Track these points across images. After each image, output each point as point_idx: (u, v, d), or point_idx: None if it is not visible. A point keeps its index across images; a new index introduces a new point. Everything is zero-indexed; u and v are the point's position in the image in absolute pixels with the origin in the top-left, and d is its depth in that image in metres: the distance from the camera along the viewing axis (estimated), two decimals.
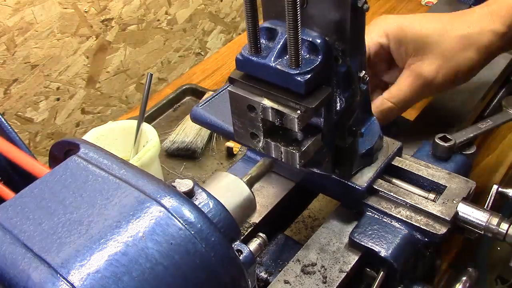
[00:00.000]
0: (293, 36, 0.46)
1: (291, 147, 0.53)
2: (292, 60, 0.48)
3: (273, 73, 0.49)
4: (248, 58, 0.51)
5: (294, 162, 0.53)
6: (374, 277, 0.59)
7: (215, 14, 1.50)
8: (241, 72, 0.52)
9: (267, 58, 0.50)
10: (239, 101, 0.52)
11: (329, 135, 0.56)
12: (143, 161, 0.81)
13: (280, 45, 0.50)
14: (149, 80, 0.90)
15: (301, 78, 0.48)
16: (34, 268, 0.35)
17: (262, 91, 0.51)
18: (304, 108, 0.49)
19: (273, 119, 0.51)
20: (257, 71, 0.51)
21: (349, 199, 0.64)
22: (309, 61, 0.49)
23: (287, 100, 0.49)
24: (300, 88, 0.49)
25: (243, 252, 0.43)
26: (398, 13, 1.39)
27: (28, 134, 1.19)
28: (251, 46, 0.50)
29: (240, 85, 0.52)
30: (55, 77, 1.18)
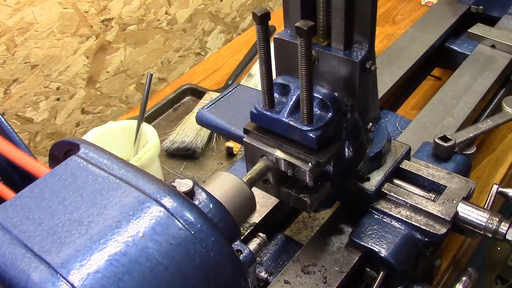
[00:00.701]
0: (306, 96, 0.49)
1: (302, 195, 0.55)
2: (305, 117, 0.51)
3: (286, 128, 0.52)
4: (263, 113, 0.53)
5: (305, 209, 0.56)
6: (374, 277, 0.59)
7: (215, 14, 1.50)
8: (255, 124, 0.55)
9: (281, 114, 0.52)
10: (253, 151, 0.55)
11: (338, 181, 0.58)
12: (143, 161, 0.81)
13: (292, 101, 0.52)
14: (149, 80, 0.90)
15: (313, 134, 0.51)
16: (34, 268, 0.35)
17: (275, 143, 0.54)
18: (315, 161, 0.52)
19: (285, 169, 0.54)
20: (270, 125, 0.54)
21: (356, 202, 0.64)
22: (320, 118, 0.52)
23: (299, 153, 0.52)
24: (312, 144, 0.51)
25: (243, 252, 0.43)
26: (398, 13, 1.39)
27: (28, 134, 1.19)
28: (266, 102, 0.53)
29: (254, 136, 0.55)
30: (55, 77, 1.18)
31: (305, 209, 0.56)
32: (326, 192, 0.57)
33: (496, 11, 1.03)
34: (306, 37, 0.45)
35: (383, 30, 1.31)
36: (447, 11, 1.04)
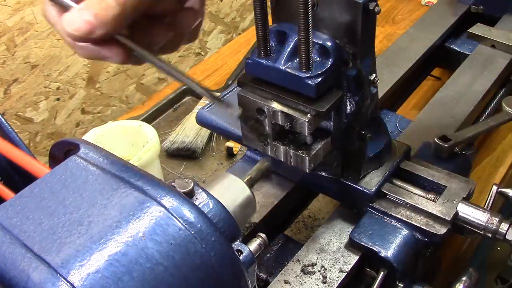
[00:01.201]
0: (304, 39, 0.46)
1: (301, 151, 0.52)
2: (303, 63, 0.48)
3: (283, 76, 0.49)
4: (258, 61, 0.50)
5: (304, 166, 0.53)
6: (374, 277, 0.59)
7: (215, 14, 1.50)
8: (250, 75, 0.52)
9: (277, 61, 0.49)
10: (248, 104, 0.52)
11: (338, 138, 0.55)
12: (143, 161, 0.81)
13: (290, 48, 0.49)
14: None
15: (312, 81, 0.48)
16: (34, 268, 0.35)
17: (271, 94, 0.50)
18: (314, 111, 0.49)
19: (282, 122, 0.51)
20: (266, 74, 0.50)
21: (356, 202, 0.63)
22: (319, 64, 0.49)
23: (297, 104, 0.49)
24: (311, 92, 0.48)
25: (243, 252, 0.43)
26: (399, 13, 1.39)
27: (28, 134, 1.19)
28: (261, 49, 0.50)
29: (249, 89, 0.52)
30: (55, 77, 1.18)
31: (304, 167, 0.53)
32: (326, 150, 0.54)
33: (496, 11, 1.03)
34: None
35: (383, 30, 1.31)
36: (447, 11, 1.04)
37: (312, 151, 0.52)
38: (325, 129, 0.54)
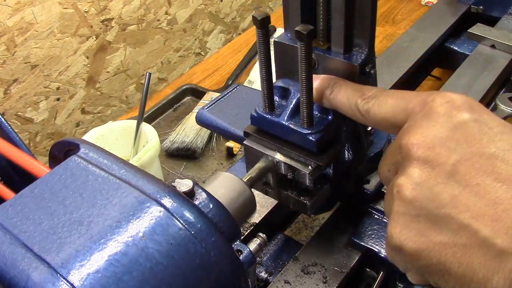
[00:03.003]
0: (306, 99, 0.49)
1: (302, 198, 0.55)
2: (305, 120, 0.51)
3: (286, 131, 0.52)
4: (263, 116, 0.53)
5: (305, 211, 0.56)
6: (374, 277, 0.59)
7: (215, 14, 1.50)
8: (255, 127, 0.55)
9: (281, 117, 0.52)
10: (254, 153, 0.55)
11: (338, 183, 0.58)
12: (143, 161, 0.81)
13: (292, 105, 0.52)
14: (148, 79, 0.90)
15: (313, 137, 0.51)
16: (34, 268, 0.35)
17: (275, 146, 0.54)
18: (315, 164, 0.52)
19: (285, 172, 0.54)
20: (271, 127, 0.54)
21: (356, 203, 0.64)
22: (320, 121, 0.52)
23: (299, 156, 0.52)
24: (312, 147, 0.51)
25: (243, 252, 0.43)
26: (398, 13, 1.39)
27: (28, 134, 1.19)
28: (266, 105, 0.53)
29: (255, 139, 0.55)
30: (55, 77, 1.18)
31: (305, 211, 0.56)
32: (326, 195, 0.57)
33: (496, 11, 1.03)
34: (306, 41, 0.45)
35: (383, 30, 1.31)
36: (447, 11, 1.04)
37: (313, 198, 0.55)
38: (325, 176, 0.57)
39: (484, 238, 0.35)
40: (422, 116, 0.41)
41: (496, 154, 0.37)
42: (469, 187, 0.36)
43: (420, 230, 0.38)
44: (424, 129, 0.39)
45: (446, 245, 0.37)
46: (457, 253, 0.36)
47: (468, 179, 0.36)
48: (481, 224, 0.35)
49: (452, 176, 0.37)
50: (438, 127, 0.39)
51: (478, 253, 0.35)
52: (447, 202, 0.37)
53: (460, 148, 0.38)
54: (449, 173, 0.37)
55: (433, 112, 0.40)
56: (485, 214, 0.35)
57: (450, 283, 0.37)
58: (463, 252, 0.36)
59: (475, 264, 0.35)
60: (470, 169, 0.37)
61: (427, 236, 0.37)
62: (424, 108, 0.41)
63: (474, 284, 0.36)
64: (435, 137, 0.39)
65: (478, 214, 0.35)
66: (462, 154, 0.37)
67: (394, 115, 0.44)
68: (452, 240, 0.36)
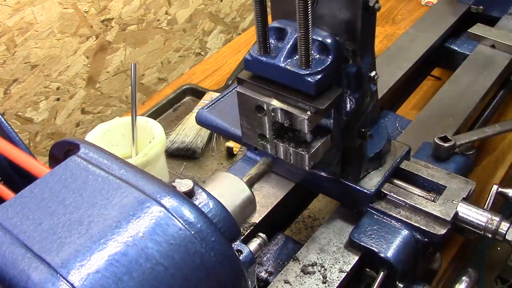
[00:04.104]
0: (304, 36, 0.46)
1: (300, 149, 0.52)
2: (302, 60, 0.47)
3: (282, 73, 0.49)
4: (257, 58, 0.50)
5: (303, 164, 0.53)
6: (374, 277, 0.59)
7: (215, 14, 1.50)
8: (249, 72, 0.52)
9: (277, 58, 0.49)
10: (248, 102, 0.52)
11: (338, 136, 0.55)
12: (150, 157, 0.81)
13: (289, 45, 0.49)
14: (134, 70, 0.88)
15: (312, 78, 0.48)
16: (34, 268, 0.35)
17: (271, 91, 0.50)
18: (314, 109, 0.48)
19: (282, 120, 0.50)
20: (266, 71, 0.50)
21: (355, 202, 0.63)
22: (319, 62, 0.49)
23: (297, 101, 0.49)
24: (311, 89, 0.48)
25: (243, 252, 0.43)
26: (398, 13, 1.39)
27: (28, 134, 1.19)
28: (260, 46, 0.50)
29: (249, 86, 0.52)
30: (55, 77, 1.18)
31: (303, 165, 0.53)
32: (326, 148, 0.54)
33: (496, 11, 1.03)
34: None
35: (383, 30, 1.31)
36: (447, 11, 1.04)
37: (311, 149, 0.52)
38: (325, 127, 0.54)
39: None
40: None
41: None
42: None
43: None
44: None
45: None
46: None
47: None
48: None
49: None
50: None
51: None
52: None
53: None
54: None
55: None
56: None
57: None
58: None
59: None
60: None
61: None
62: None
63: None
64: None
65: None
66: None
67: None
68: None
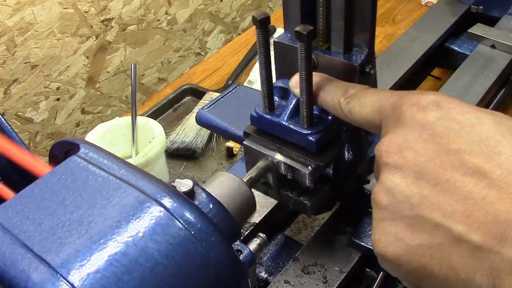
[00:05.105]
0: (306, 100, 0.49)
1: (302, 198, 0.55)
2: (304, 120, 0.51)
3: (286, 131, 0.52)
4: (263, 116, 0.53)
5: (305, 211, 0.56)
6: (374, 277, 0.59)
7: (215, 14, 1.50)
8: (255, 127, 0.55)
9: (281, 117, 0.52)
10: (253, 154, 0.55)
11: (338, 183, 0.58)
12: (149, 157, 0.81)
13: (292, 105, 0.52)
14: (134, 70, 0.88)
15: (313, 137, 0.51)
16: (34, 268, 0.35)
17: (275, 146, 0.54)
18: (315, 164, 0.52)
19: (285, 172, 0.54)
20: (270, 128, 0.54)
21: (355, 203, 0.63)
22: (320, 121, 0.52)
23: (299, 157, 0.52)
24: (312, 147, 0.51)
25: (243, 252, 0.43)
26: (398, 13, 1.39)
27: (28, 134, 1.19)
28: (266, 105, 0.53)
29: (254, 139, 0.55)
30: (55, 77, 1.18)
31: (305, 212, 0.56)
32: (326, 195, 0.57)
33: (496, 11, 1.03)
34: (306, 41, 0.45)
35: (383, 30, 1.31)
36: (447, 11, 1.04)
37: (313, 198, 0.55)
38: (325, 175, 0.57)
39: (458, 235, 0.34)
40: (392, 122, 0.41)
41: (463, 149, 0.36)
42: (438, 185, 0.36)
43: (397, 234, 0.38)
44: (392, 134, 0.40)
45: (423, 247, 0.36)
46: (435, 255, 0.36)
47: (437, 177, 0.36)
48: (453, 221, 0.35)
49: (421, 176, 0.37)
50: (405, 131, 0.39)
51: (455, 252, 0.35)
52: (418, 203, 0.36)
53: (427, 148, 0.37)
54: (418, 174, 0.37)
55: (401, 117, 0.40)
56: (456, 211, 0.34)
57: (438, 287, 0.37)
58: (440, 253, 0.35)
59: (455, 264, 0.35)
60: (438, 167, 0.36)
61: (404, 240, 0.37)
62: (394, 113, 0.41)
63: (459, 285, 0.35)
64: (403, 141, 0.38)
65: (449, 211, 0.35)
66: (429, 154, 0.37)
67: (373, 117, 0.44)
68: (428, 242, 0.36)
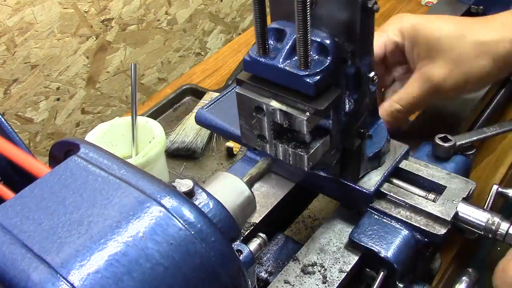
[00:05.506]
0: (302, 37, 0.46)
1: (299, 150, 0.52)
2: (301, 61, 0.48)
3: (281, 74, 0.49)
4: (256, 59, 0.50)
5: (303, 165, 0.53)
6: (374, 277, 0.59)
7: (215, 14, 1.50)
8: (248, 73, 0.52)
9: (276, 59, 0.49)
10: (247, 102, 0.52)
11: (337, 137, 0.55)
12: (149, 157, 0.81)
13: (288, 46, 0.49)
14: (134, 71, 0.88)
15: (311, 79, 0.48)
16: (34, 268, 0.35)
17: (270, 92, 0.50)
18: (313, 110, 0.49)
19: (281, 121, 0.50)
20: (265, 72, 0.50)
21: (355, 202, 0.63)
22: (318, 63, 0.49)
23: (296, 102, 0.49)
24: (310, 90, 0.48)
25: (243, 252, 0.43)
26: (398, 13, 1.39)
27: (28, 134, 1.19)
28: (259, 47, 0.50)
29: (248, 87, 0.52)
30: (55, 77, 1.18)
31: (303, 165, 0.53)
32: (325, 148, 0.54)
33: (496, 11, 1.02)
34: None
35: None
36: (447, 11, 1.04)
37: (310, 150, 0.52)
38: (323, 128, 0.54)
39: None
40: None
41: None
42: None
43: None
44: None
45: None
46: None
47: None
48: None
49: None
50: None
51: None
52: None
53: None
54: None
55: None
56: None
57: None
58: None
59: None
60: None
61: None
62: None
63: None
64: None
65: None
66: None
67: None
68: None
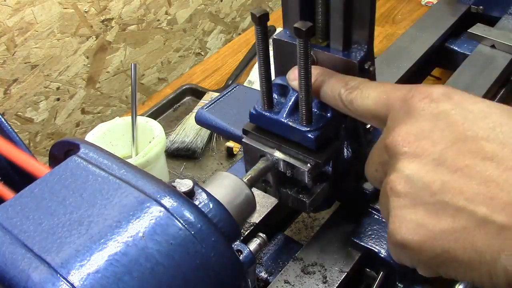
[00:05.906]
0: (305, 97, 0.49)
1: (301, 195, 0.55)
2: (303, 118, 0.51)
3: (285, 128, 0.52)
4: (262, 113, 0.53)
5: (304, 209, 0.56)
6: (374, 277, 0.59)
7: (215, 14, 1.50)
8: (253, 124, 0.55)
9: (280, 114, 0.52)
10: (252, 151, 0.56)
11: (337, 181, 0.58)
12: (150, 157, 0.81)
13: (291, 102, 0.52)
14: (134, 71, 0.88)
15: (312, 135, 0.51)
16: (34, 268, 0.35)
17: (274, 143, 0.54)
18: (314, 162, 0.52)
19: (284, 170, 0.54)
20: (270, 125, 0.54)
21: (355, 203, 0.63)
22: (319, 118, 0.52)
23: (298, 154, 0.52)
24: (311, 144, 0.51)
25: (243, 252, 0.43)
26: (398, 13, 1.39)
27: (28, 134, 1.19)
28: (264, 102, 0.53)
29: (253, 137, 0.55)
30: (55, 77, 1.18)
31: (304, 209, 0.56)
32: (325, 193, 0.57)
33: (496, 11, 1.03)
34: (305, 37, 0.45)
35: (383, 30, 1.31)
36: (447, 11, 1.04)
37: (312, 195, 0.55)
38: (324, 173, 0.57)
39: (482, 217, 0.35)
40: (403, 113, 0.42)
41: (480, 135, 0.37)
42: (458, 171, 0.37)
43: (419, 221, 0.38)
44: (407, 125, 0.40)
45: (446, 232, 0.37)
46: (459, 238, 0.36)
47: (456, 163, 0.37)
48: (476, 204, 0.35)
49: (441, 163, 0.38)
50: (420, 121, 0.40)
51: (480, 234, 0.35)
52: (439, 189, 0.37)
53: (443, 136, 0.38)
54: (437, 161, 0.38)
55: (413, 108, 0.41)
56: (479, 194, 0.35)
57: (460, 271, 0.37)
58: (464, 236, 0.36)
59: (480, 246, 0.35)
60: (457, 153, 0.37)
61: (427, 226, 0.37)
62: (404, 105, 0.42)
63: (484, 267, 0.35)
64: (419, 131, 0.39)
65: (472, 195, 0.36)
66: (446, 141, 0.38)
67: (376, 108, 0.46)
68: (451, 226, 0.36)
